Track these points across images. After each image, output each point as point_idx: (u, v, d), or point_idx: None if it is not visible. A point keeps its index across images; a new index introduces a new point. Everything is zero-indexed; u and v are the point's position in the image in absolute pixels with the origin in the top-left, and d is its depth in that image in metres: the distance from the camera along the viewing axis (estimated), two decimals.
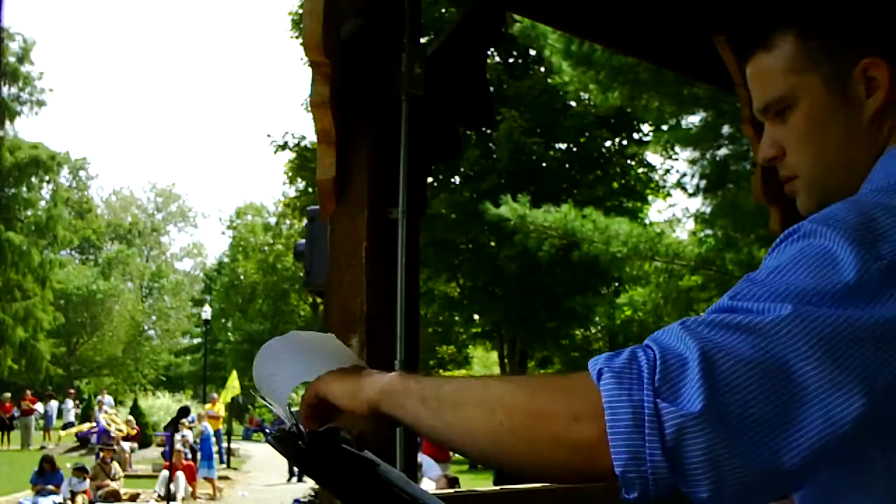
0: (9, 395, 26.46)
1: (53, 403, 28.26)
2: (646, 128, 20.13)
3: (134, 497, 15.30)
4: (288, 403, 1.16)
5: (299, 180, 25.05)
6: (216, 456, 18.40)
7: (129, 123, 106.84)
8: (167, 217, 68.22)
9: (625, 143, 21.45)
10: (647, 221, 20.20)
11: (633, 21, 3.76)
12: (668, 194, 22.03)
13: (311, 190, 22.89)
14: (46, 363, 39.18)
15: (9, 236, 36.24)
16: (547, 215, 12.12)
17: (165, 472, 13.20)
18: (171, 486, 13.27)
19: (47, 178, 41.65)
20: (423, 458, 12.36)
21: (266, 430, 1.19)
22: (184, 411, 11.27)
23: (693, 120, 11.95)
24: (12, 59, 37.99)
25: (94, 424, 23.05)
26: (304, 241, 3.34)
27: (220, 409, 21.38)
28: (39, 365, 38.38)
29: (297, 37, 23.56)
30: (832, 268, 0.88)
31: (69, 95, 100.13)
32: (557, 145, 21.49)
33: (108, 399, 25.75)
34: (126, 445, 19.19)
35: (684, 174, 13.79)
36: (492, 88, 3.40)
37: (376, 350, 2.68)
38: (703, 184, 12.32)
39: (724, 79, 3.83)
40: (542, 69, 19.97)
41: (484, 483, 14.70)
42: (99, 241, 59.16)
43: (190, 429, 17.75)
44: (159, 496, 14.31)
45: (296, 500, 13.28)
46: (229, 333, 38.74)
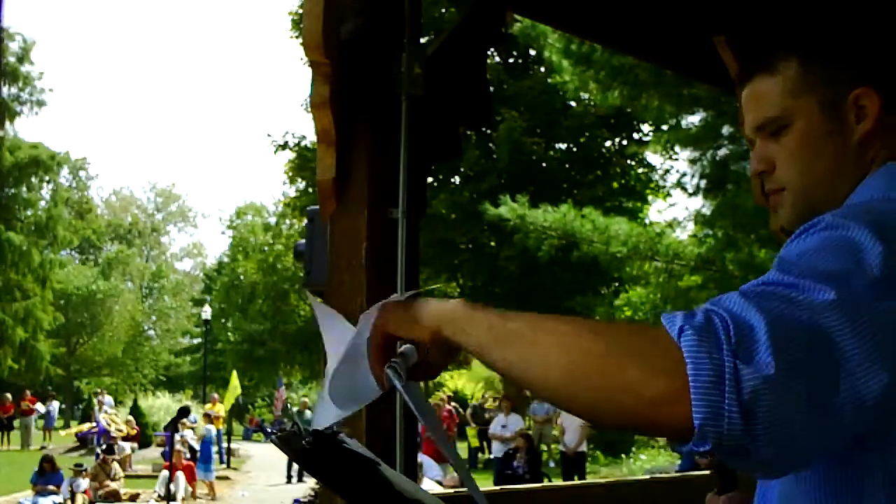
0: (9, 395, 26.44)
1: (54, 403, 28.28)
2: (646, 128, 20.14)
3: (134, 497, 15.29)
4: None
5: (299, 180, 25.04)
6: (216, 456, 18.39)
7: (129, 123, 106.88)
8: (167, 217, 68.21)
9: (625, 143, 21.45)
10: (647, 221, 20.21)
11: (633, 21, 3.76)
12: (668, 194, 22.04)
13: (311, 190, 22.89)
14: (46, 363, 39.15)
15: (9, 236, 36.23)
16: (546, 215, 12.12)
17: (165, 472, 13.19)
18: (171, 486, 13.26)
19: (47, 178, 41.62)
20: (422, 458, 12.38)
21: (266, 430, 1.19)
22: (184, 411, 11.26)
23: (693, 120, 11.96)
24: (12, 59, 37.99)
25: (94, 424, 23.05)
26: (304, 241, 3.34)
27: (220, 409, 21.38)
28: (39, 365, 38.36)
29: (297, 37, 23.56)
30: (858, 255, 0.97)
31: (69, 95, 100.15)
32: (557, 145, 21.50)
33: (108, 399, 25.74)
34: (126, 445, 19.17)
35: (684, 174, 13.80)
36: (492, 88, 3.40)
37: None
38: (703, 184, 12.33)
39: (724, 79, 3.83)
40: (542, 69, 19.98)
41: (484, 483, 14.71)
42: (99, 241, 59.12)
43: (192, 429, 17.75)
44: (159, 496, 14.30)
45: (296, 501, 13.28)
46: (229, 333, 38.69)
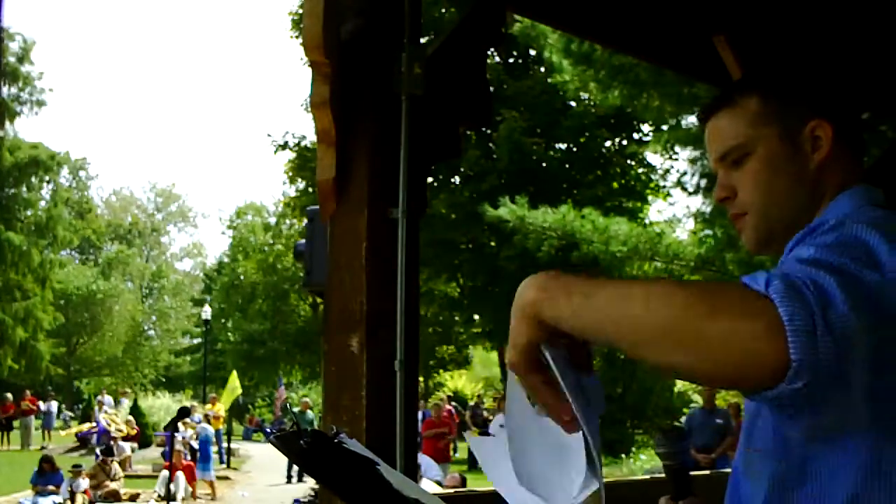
0: (9, 395, 26.44)
1: (53, 404, 28.28)
2: (646, 128, 20.13)
3: (134, 497, 15.30)
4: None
5: (299, 180, 25.04)
6: (216, 456, 18.39)
7: (129, 123, 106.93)
8: (167, 217, 68.21)
9: (625, 143, 21.44)
10: (647, 221, 20.21)
11: (633, 21, 3.76)
12: (668, 194, 22.04)
13: (311, 190, 22.89)
14: (46, 363, 39.18)
15: (9, 236, 36.25)
16: (546, 216, 12.10)
17: (165, 472, 13.19)
18: (171, 486, 13.26)
19: (47, 178, 41.66)
20: (422, 458, 12.38)
21: (266, 430, 1.19)
22: (184, 411, 11.26)
23: (693, 120, 11.94)
24: (12, 59, 38.00)
25: (94, 424, 23.05)
26: (304, 241, 3.34)
27: (219, 409, 21.37)
28: (39, 365, 38.38)
29: (297, 37, 23.56)
30: (869, 256, 1.08)
31: (69, 95, 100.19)
32: (557, 145, 21.49)
33: (109, 399, 25.76)
34: (126, 445, 19.17)
35: (684, 173, 13.79)
36: (492, 88, 3.39)
37: (376, 350, 2.68)
38: (703, 183, 12.32)
39: (724, 79, 3.83)
40: (542, 69, 19.97)
41: (484, 483, 14.71)
42: (99, 241, 59.14)
43: (192, 429, 17.75)
44: (159, 496, 14.30)
45: (296, 501, 13.29)
46: (229, 333, 38.68)
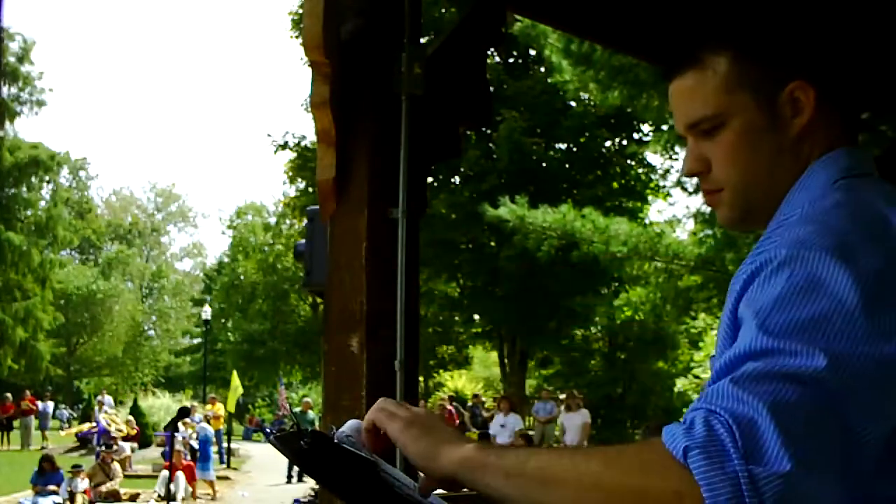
0: (9, 395, 26.44)
1: (49, 404, 28.29)
2: (646, 128, 20.12)
3: (134, 497, 15.29)
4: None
5: (299, 180, 25.03)
6: (215, 456, 18.37)
7: (129, 123, 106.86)
8: (167, 217, 68.19)
9: (625, 143, 21.44)
10: (647, 221, 20.20)
11: (633, 21, 3.76)
12: (668, 194, 22.05)
13: (311, 190, 22.88)
14: (46, 363, 39.17)
15: (9, 236, 36.24)
16: (546, 216, 12.10)
17: (165, 472, 13.17)
18: (171, 486, 13.25)
19: (47, 178, 41.64)
20: None
21: (266, 430, 1.19)
22: (184, 411, 11.25)
23: None
24: (12, 59, 37.99)
25: (94, 424, 23.03)
26: (304, 241, 3.34)
27: (219, 410, 21.35)
28: (39, 365, 38.37)
29: (297, 37, 23.56)
30: (830, 293, 0.96)
31: (69, 95, 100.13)
32: (557, 145, 21.49)
33: (108, 399, 25.73)
34: (126, 445, 19.16)
35: None
36: (492, 88, 3.39)
37: (376, 350, 2.68)
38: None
39: None
40: (542, 69, 19.97)
41: None
42: (99, 241, 59.12)
43: (193, 428, 17.73)
44: (159, 496, 14.29)
45: (296, 501, 13.28)
46: (229, 333, 38.68)
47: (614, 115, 19.43)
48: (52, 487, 14.26)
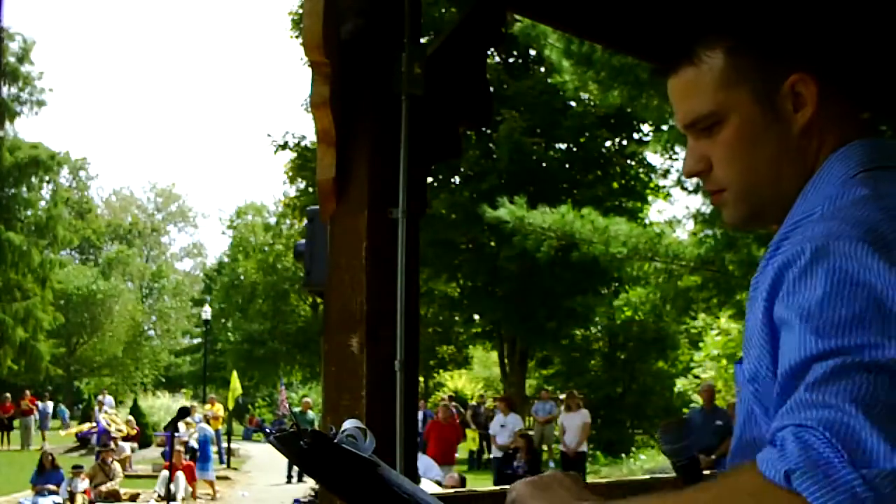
0: (9, 395, 26.45)
1: (49, 404, 28.29)
2: (646, 128, 20.13)
3: (134, 497, 15.29)
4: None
5: (299, 180, 25.03)
6: (215, 456, 18.37)
7: (129, 123, 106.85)
8: (167, 217, 68.20)
9: (625, 143, 21.45)
10: (647, 221, 20.21)
11: (633, 21, 3.76)
12: (668, 194, 22.06)
13: (311, 190, 22.88)
14: (46, 363, 39.15)
15: (9, 236, 36.22)
16: (545, 216, 12.09)
17: (165, 472, 13.18)
18: (171, 486, 13.25)
19: (47, 178, 41.61)
20: (422, 458, 12.38)
21: (266, 430, 1.19)
22: (184, 411, 11.24)
23: None
24: (12, 59, 37.98)
25: (94, 424, 23.04)
26: (304, 241, 3.34)
27: (218, 410, 21.36)
28: (39, 365, 38.36)
29: (297, 37, 23.56)
30: (867, 284, 0.92)
31: (69, 95, 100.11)
32: (557, 145, 21.50)
33: (109, 399, 25.73)
34: (126, 445, 19.17)
35: None
36: (492, 88, 3.39)
37: (376, 350, 2.68)
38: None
39: None
40: (542, 69, 19.98)
41: (484, 483, 14.70)
42: (99, 241, 59.12)
43: (193, 427, 17.73)
44: (159, 496, 14.29)
45: (296, 501, 13.28)
46: (229, 333, 38.69)
47: (614, 115, 19.43)
48: (51, 487, 14.28)
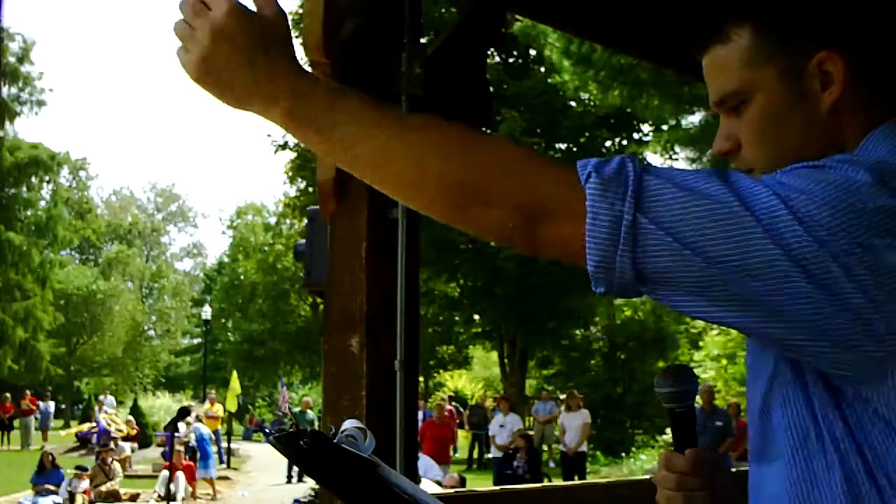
0: (9, 395, 26.45)
1: (50, 403, 28.28)
2: (646, 128, 20.13)
3: (134, 497, 15.29)
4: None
5: (299, 180, 25.02)
6: (215, 456, 18.37)
7: (129, 123, 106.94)
8: (167, 217, 68.19)
9: (625, 143, 21.43)
10: None
11: (633, 21, 3.76)
12: None
13: (311, 190, 22.87)
14: (46, 363, 39.14)
15: (9, 236, 36.20)
16: None
17: (165, 472, 13.18)
18: (171, 486, 13.25)
19: (47, 178, 41.62)
20: (422, 458, 12.38)
21: (266, 430, 1.19)
22: (184, 411, 11.24)
23: (693, 120, 11.96)
24: (12, 59, 37.97)
25: (94, 424, 23.03)
26: (304, 241, 3.34)
27: (218, 410, 21.35)
28: (39, 365, 38.34)
29: (297, 37, 23.46)
30: (855, 188, 0.94)
31: (69, 95, 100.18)
32: (557, 145, 21.49)
33: (109, 399, 25.72)
34: (126, 445, 19.16)
35: None
36: (492, 88, 3.39)
37: (376, 350, 2.68)
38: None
39: None
40: (542, 69, 19.98)
41: (484, 483, 14.71)
42: (99, 241, 59.08)
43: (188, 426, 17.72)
44: (159, 496, 14.29)
45: (296, 500, 13.27)
46: (229, 333, 38.69)
47: (614, 115, 19.43)
48: (51, 487, 14.27)
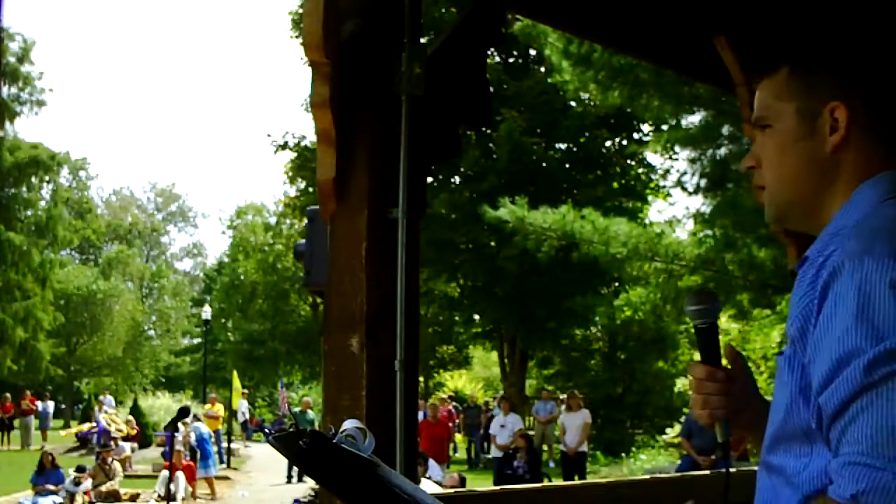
0: (9, 395, 26.44)
1: (50, 404, 28.27)
2: (646, 128, 20.13)
3: (134, 497, 15.28)
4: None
5: (299, 180, 25.04)
6: (216, 456, 18.36)
7: (129, 123, 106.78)
8: (167, 217, 68.18)
9: (625, 143, 21.45)
10: (647, 222, 20.20)
11: (633, 21, 3.76)
12: (668, 194, 22.05)
13: (311, 190, 22.89)
14: (46, 363, 39.14)
15: (9, 236, 36.20)
16: (545, 217, 12.09)
17: (165, 472, 13.17)
18: (171, 486, 13.25)
19: (47, 178, 41.59)
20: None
21: (266, 430, 1.19)
22: (184, 411, 11.24)
23: (693, 120, 11.96)
24: (12, 59, 37.95)
25: (94, 424, 23.03)
26: (304, 241, 3.34)
27: (218, 410, 21.35)
28: (39, 365, 38.34)
29: (297, 37, 23.56)
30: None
31: (69, 95, 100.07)
32: (557, 145, 21.50)
33: (109, 399, 25.71)
34: (126, 445, 19.16)
35: (684, 173, 13.80)
36: (492, 88, 3.39)
37: (376, 350, 2.68)
38: (703, 183, 12.32)
39: (725, 79, 3.83)
40: (542, 69, 19.98)
41: (484, 483, 14.70)
42: (99, 241, 59.06)
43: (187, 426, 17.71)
44: (159, 496, 14.29)
45: (296, 500, 13.26)
46: (229, 333, 38.69)
47: (614, 115, 19.44)
48: (51, 487, 14.27)
